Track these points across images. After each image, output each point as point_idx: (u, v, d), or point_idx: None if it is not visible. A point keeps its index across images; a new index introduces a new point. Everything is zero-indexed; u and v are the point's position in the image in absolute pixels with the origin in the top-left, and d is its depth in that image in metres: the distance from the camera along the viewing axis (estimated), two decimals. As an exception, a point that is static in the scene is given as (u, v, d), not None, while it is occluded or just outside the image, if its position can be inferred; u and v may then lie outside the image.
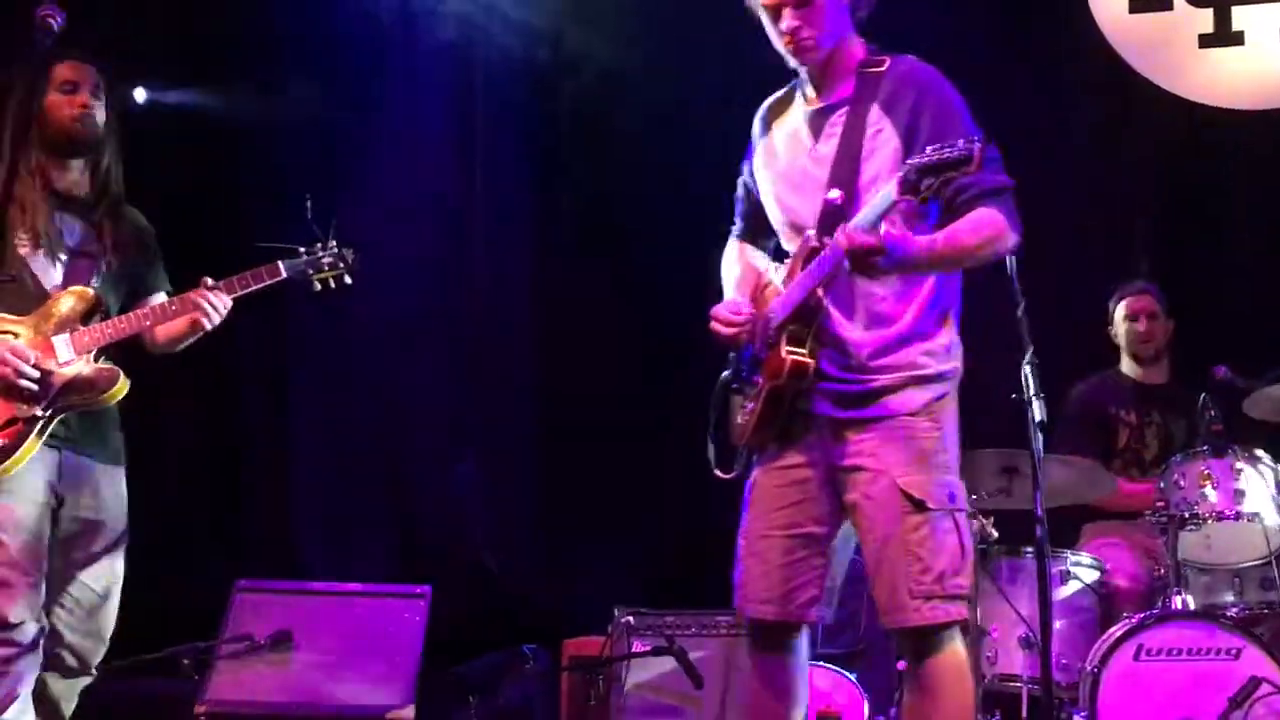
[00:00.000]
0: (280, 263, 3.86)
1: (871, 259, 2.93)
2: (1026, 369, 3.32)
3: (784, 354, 3.11)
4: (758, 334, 3.25)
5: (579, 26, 6.36)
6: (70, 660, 3.84)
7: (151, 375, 4.00)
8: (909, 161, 2.86)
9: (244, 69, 6.07)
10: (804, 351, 3.11)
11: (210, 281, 3.79)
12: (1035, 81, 5.95)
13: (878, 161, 3.12)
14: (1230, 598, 4.68)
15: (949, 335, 3.25)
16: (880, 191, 2.94)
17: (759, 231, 3.50)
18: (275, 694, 4.86)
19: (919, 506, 3.08)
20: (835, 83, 3.25)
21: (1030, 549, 4.58)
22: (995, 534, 4.58)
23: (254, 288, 3.84)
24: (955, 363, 3.25)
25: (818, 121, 3.26)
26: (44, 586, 3.74)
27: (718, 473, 3.39)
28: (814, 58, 3.23)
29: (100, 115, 3.86)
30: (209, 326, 3.82)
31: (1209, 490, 4.50)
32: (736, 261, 3.51)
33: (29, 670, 3.69)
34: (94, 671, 3.93)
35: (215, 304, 3.77)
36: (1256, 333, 5.71)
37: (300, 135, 6.10)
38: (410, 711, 4.81)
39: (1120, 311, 5.38)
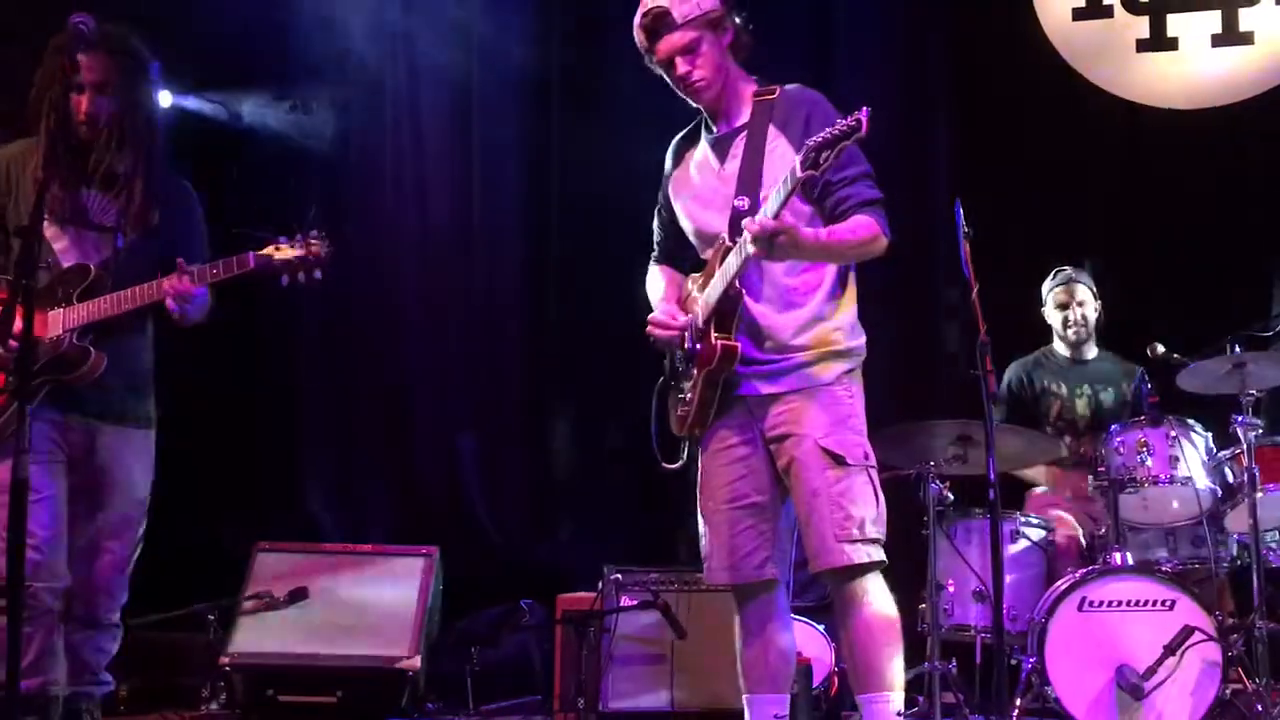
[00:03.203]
0: (250, 254, 3.68)
1: (777, 239, 3.03)
2: (981, 347, 3.32)
3: (714, 341, 3.23)
4: (688, 334, 3.36)
5: (567, 48, 6.41)
6: (80, 611, 3.76)
7: (179, 353, 3.96)
8: (808, 142, 2.97)
9: (260, 82, 6.02)
10: (729, 337, 3.24)
11: (184, 266, 3.64)
12: (988, 85, 5.94)
13: (776, 171, 3.22)
14: (1165, 554, 4.68)
15: (850, 315, 3.36)
16: (786, 173, 3.05)
17: (675, 254, 3.62)
18: (293, 645, 4.88)
19: (839, 462, 3.21)
20: (732, 112, 3.41)
21: (983, 510, 4.59)
22: (951, 497, 4.58)
23: (223, 277, 3.67)
24: (860, 339, 3.37)
25: (722, 146, 3.40)
26: (64, 545, 3.66)
27: (664, 465, 3.51)
28: (709, 95, 3.38)
29: (108, 110, 3.68)
30: (175, 310, 3.65)
31: (1146, 457, 4.51)
32: (659, 279, 3.63)
33: (44, 631, 3.61)
34: (105, 622, 3.82)
35: (180, 290, 3.60)
36: (1189, 312, 5.73)
37: (311, 140, 6.07)
38: (417, 661, 4.82)
39: (1051, 300, 5.37)
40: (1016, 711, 4.24)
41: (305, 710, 4.76)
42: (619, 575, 4.78)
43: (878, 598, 3.23)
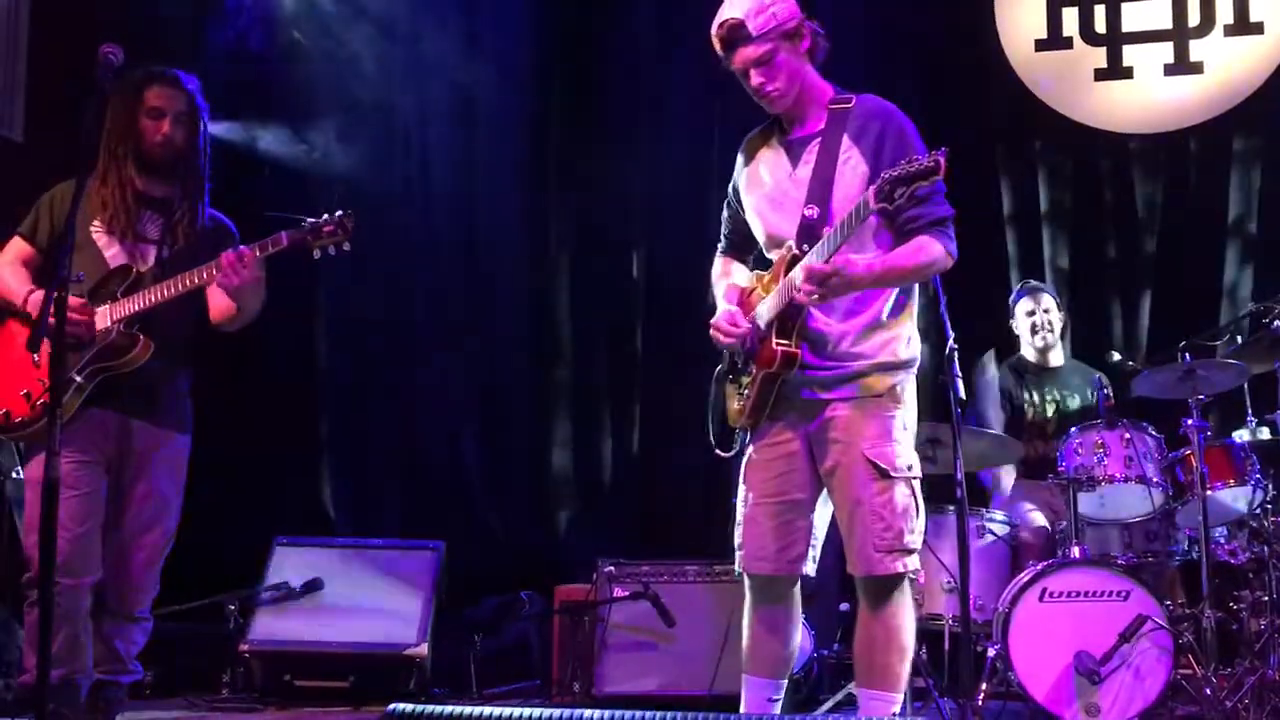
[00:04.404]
0: (283, 232, 3.68)
1: (830, 281, 2.98)
2: (949, 354, 3.32)
3: (775, 346, 3.14)
4: (749, 334, 3.27)
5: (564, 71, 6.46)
6: (111, 604, 3.73)
7: (201, 359, 3.98)
8: (884, 174, 2.89)
9: (281, 111, 6.05)
10: (791, 343, 3.15)
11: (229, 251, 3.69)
12: (958, 112, 5.98)
13: (847, 182, 3.15)
14: (1120, 548, 4.68)
15: (910, 328, 3.27)
16: (858, 202, 2.98)
17: (741, 247, 3.49)
18: (309, 634, 4.90)
19: (883, 474, 3.13)
20: (808, 117, 3.27)
21: (951, 507, 4.61)
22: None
23: (260, 256, 3.69)
24: (916, 352, 3.28)
25: (795, 150, 3.27)
26: (96, 541, 3.64)
27: (719, 452, 3.40)
28: (784, 104, 3.25)
29: (181, 137, 3.78)
30: (220, 282, 3.65)
31: (1103, 457, 4.51)
32: (724, 274, 3.50)
33: (70, 624, 3.57)
34: (136, 615, 3.78)
35: (231, 262, 3.60)
36: (1144, 322, 5.79)
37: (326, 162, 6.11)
38: (425, 648, 4.84)
39: (1019, 311, 5.39)
40: (982, 695, 4.26)
41: (319, 694, 4.79)
42: (612, 568, 4.80)
43: (904, 605, 3.19)
